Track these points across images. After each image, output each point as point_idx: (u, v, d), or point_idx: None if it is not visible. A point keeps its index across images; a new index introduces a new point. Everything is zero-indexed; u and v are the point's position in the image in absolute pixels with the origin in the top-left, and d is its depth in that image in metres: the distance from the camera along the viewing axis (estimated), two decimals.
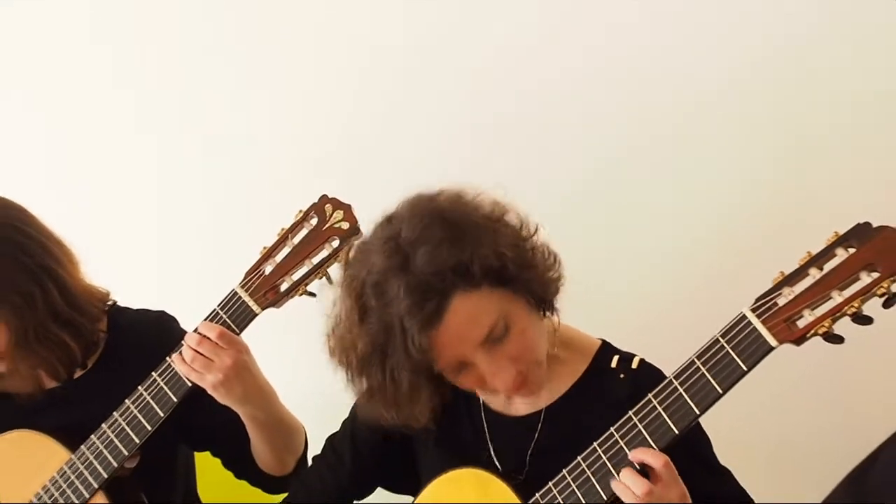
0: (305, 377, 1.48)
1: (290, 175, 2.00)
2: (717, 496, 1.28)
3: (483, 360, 1.17)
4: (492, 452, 1.30)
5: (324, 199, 1.32)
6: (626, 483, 1.13)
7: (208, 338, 1.32)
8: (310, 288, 1.33)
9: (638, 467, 1.14)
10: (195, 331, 1.36)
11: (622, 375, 1.26)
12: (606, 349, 1.32)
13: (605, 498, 1.17)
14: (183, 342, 1.35)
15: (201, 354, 1.32)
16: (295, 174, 2.00)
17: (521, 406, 1.31)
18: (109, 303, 1.52)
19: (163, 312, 1.53)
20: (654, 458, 1.12)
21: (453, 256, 1.14)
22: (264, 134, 2.08)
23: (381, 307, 1.16)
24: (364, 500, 1.49)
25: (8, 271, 1.37)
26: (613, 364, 1.27)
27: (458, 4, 1.92)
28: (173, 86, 2.16)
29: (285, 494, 1.50)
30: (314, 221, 1.31)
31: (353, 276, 1.21)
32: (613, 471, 1.17)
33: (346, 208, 1.30)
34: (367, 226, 1.27)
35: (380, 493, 1.45)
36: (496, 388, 1.21)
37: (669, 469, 1.13)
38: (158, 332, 1.48)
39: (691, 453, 1.26)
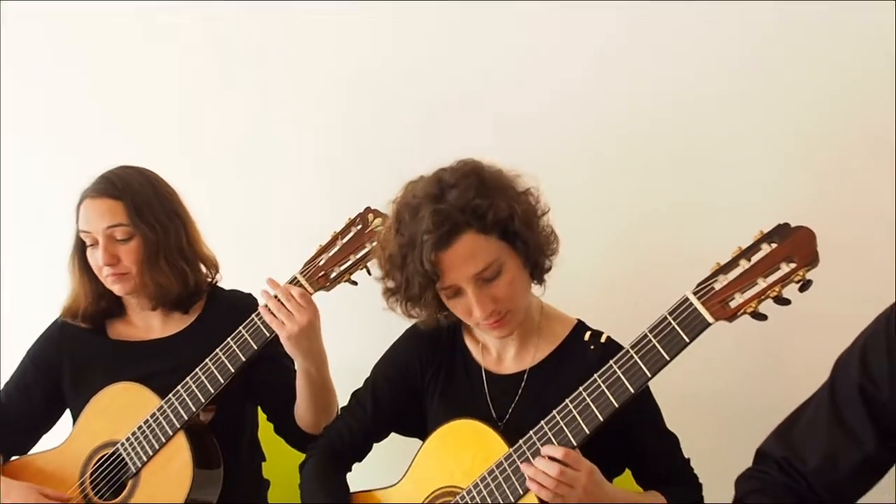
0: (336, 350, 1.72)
1: (336, 185, 2.22)
2: (663, 456, 1.49)
3: (473, 291, 1.41)
4: (489, 402, 1.52)
5: (367, 209, 1.63)
6: (541, 467, 1.34)
7: (293, 297, 1.59)
8: (353, 277, 1.63)
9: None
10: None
11: (592, 347, 1.46)
12: (581, 326, 1.55)
13: (575, 444, 1.37)
14: (266, 298, 1.61)
15: (285, 308, 1.60)
16: (341, 184, 2.21)
17: (509, 366, 1.54)
18: (216, 275, 1.82)
19: (250, 294, 1.83)
20: (556, 451, 1.34)
21: (476, 201, 1.39)
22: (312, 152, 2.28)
23: (412, 223, 1.41)
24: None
25: (154, 206, 1.73)
26: (586, 338, 1.48)
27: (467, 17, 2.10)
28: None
29: None
30: (359, 226, 1.62)
31: (402, 199, 1.48)
32: (582, 423, 1.38)
33: (384, 216, 1.59)
34: None
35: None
36: (477, 317, 1.43)
37: (572, 457, 1.34)
38: (245, 304, 1.77)
39: (644, 418, 1.48)
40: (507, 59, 2.08)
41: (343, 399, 1.71)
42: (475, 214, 1.40)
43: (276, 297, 1.62)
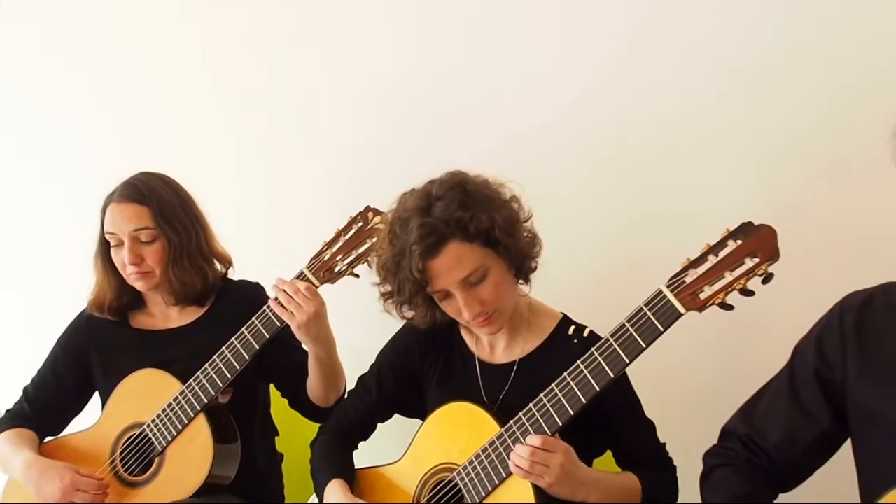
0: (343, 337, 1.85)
1: (340, 186, 2.32)
2: (641, 442, 1.60)
3: (460, 295, 1.53)
4: (481, 388, 1.65)
5: (367, 208, 1.74)
6: (518, 451, 1.46)
7: (300, 290, 1.71)
8: (356, 270, 1.74)
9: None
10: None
11: (576, 341, 1.58)
12: (566, 320, 1.66)
13: (559, 424, 1.49)
14: (276, 287, 1.73)
15: (295, 301, 1.71)
16: (345, 185, 2.31)
17: (501, 356, 1.67)
18: (229, 268, 1.95)
19: (257, 283, 1.97)
20: (534, 440, 1.45)
21: (459, 213, 1.50)
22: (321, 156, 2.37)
23: (403, 234, 1.53)
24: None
25: (177, 210, 1.86)
26: (570, 332, 1.60)
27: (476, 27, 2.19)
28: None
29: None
30: (360, 224, 1.73)
31: (395, 211, 1.59)
32: (567, 405, 1.50)
33: (383, 214, 1.70)
34: None
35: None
36: (466, 317, 1.55)
37: (549, 442, 1.45)
38: (254, 293, 1.93)
39: (624, 407, 1.59)
40: (509, 72, 2.16)
41: (350, 382, 1.84)
42: (459, 225, 1.51)
43: (285, 291, 1.73)
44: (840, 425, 1.34)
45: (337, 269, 1.75)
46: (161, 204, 1.85)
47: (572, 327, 1.62)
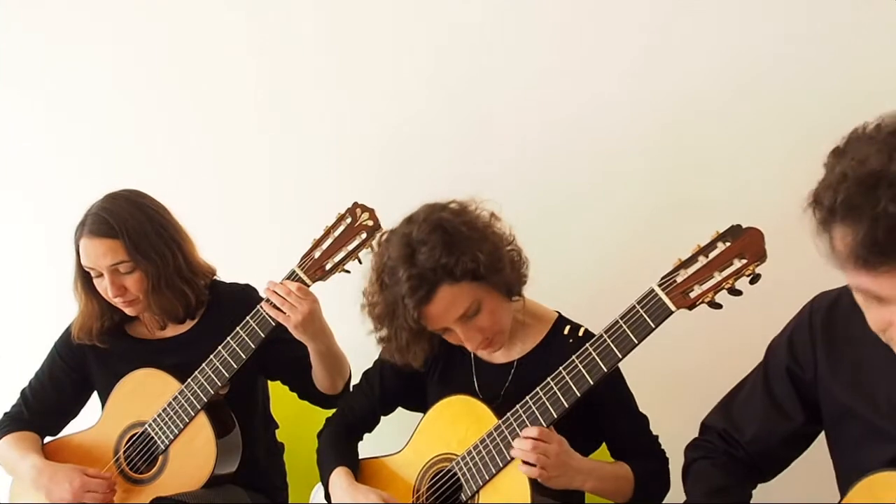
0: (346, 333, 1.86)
1: (333, 183, 2.32)
2: (634, 434, 1.66)
3: (459, 329, 1.57)
4: (476, 388, 1.69)
5: (355, 204, 1.72)
6: (522, 447, 1.50)
7: (293, 291, 1.70)
8: (346, 267, 1.73)
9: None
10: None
11: (571, 340, 1.62)
12: (561, 320, 1.69)
13: (555, 416, 1.53)
14: (267, 296, 1.72)
15: (288, 302, 1.71)
16: (338, 184, 2.31)
17: (499, 357, 1.70)
18: (213, 276, 1.93)
19: (248, 284, 1.95)
20: (531, 431, 1.50)
21: (443, 258, 1.52)
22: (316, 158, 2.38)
23: (392, 285, 1.55)
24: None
25: (151, 237, 1.80)
26: (566, 331, 1.64)
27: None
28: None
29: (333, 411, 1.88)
30: (349, 220, 1.71)
31: (379, 258, 1.60)
32: (562, 398, 1.54)
33: (371, 211, 1.69)
34: (390, 223, 1.63)
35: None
36: (469, 347, 1.61)
37: (544, 433, 1.50)
38: (245, 296, 1.90)
39: (617, 401, 1.64)
40: (509, 74, 2.14)
41: (356, 376, 1.87)
42: (445, 271, 1.52)
43: (277, 293, 1.72)
44: (813, 421, 1.39)
45: (328, 266, 1.73)
46: (132, 235, 1.79)
47: (567, 326, 1.65)
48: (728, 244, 1.42)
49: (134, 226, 1.80)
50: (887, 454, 1.26)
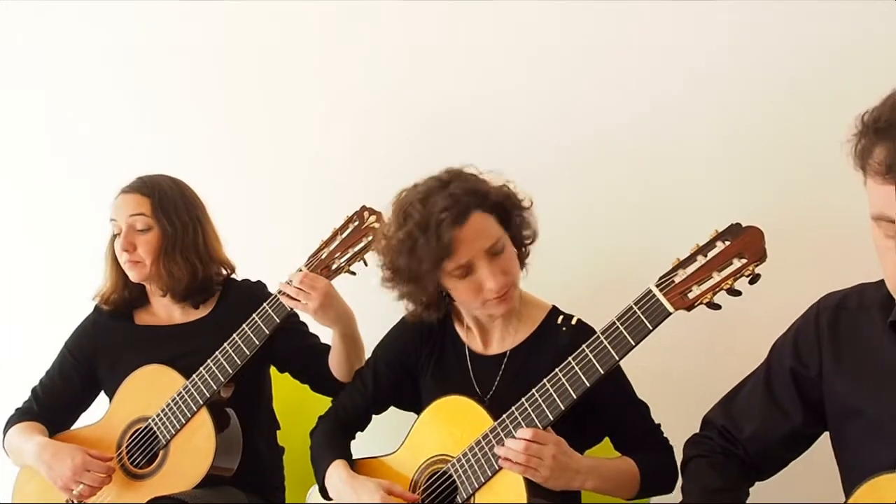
0: None
1: (342, 187, 2.32)
2: (634, 423, 1.62)
3: (485, 265, 1.54)
4: (473, 381, 1.66)
5: (363, 207, 1.75)
6: (510, 446, 1.48)
7: (302, 280, 1.71)
8: (352, 268, 1.75)
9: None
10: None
11: (564, 329, 1.60)
12: (555, 311, 1.67)
13: (551, 418, 1.49)
14: (281, 287, 1.74)
15: (303, 291, 1.72)
16: (347, 186, 2.31)
17: (493, 347, 1.68)
18: (232, 272, 1.97)
19: (259, 280, 1.98)
20: (525, 433, 1.47)
21: (476, 187, 1.56)
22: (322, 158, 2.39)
23: (423, 210, 1.53)
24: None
25: (177, 205, 1.89)
26: (559, 321, 1.62)
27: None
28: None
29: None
30: (356, 223, 1.74)
31: (405, 196, 1.59)
32: (558, 400, 1.51)
33: (379, 214, 1.71)
34: None
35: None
36: (490, 288, 1.54)
37: (539, 435, 1.47)
38: (256, 291, 1.93)
39: (615, 390, 1.60)
40: (493, 72, 2.17)
41: None
42: (479, 195, 1.55)
43: (289, 287, 1.74)
44: (813, 422, 1.36)
45: (334, 266, 1.75)
46: (161, 196, 1.88)
47: (561, 317, 1.63)
48: (727, 243, 1.39)
49: (165, 191, 1.90)
50: (892, 455, 1.23)
